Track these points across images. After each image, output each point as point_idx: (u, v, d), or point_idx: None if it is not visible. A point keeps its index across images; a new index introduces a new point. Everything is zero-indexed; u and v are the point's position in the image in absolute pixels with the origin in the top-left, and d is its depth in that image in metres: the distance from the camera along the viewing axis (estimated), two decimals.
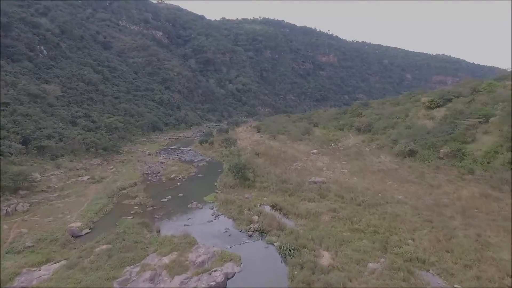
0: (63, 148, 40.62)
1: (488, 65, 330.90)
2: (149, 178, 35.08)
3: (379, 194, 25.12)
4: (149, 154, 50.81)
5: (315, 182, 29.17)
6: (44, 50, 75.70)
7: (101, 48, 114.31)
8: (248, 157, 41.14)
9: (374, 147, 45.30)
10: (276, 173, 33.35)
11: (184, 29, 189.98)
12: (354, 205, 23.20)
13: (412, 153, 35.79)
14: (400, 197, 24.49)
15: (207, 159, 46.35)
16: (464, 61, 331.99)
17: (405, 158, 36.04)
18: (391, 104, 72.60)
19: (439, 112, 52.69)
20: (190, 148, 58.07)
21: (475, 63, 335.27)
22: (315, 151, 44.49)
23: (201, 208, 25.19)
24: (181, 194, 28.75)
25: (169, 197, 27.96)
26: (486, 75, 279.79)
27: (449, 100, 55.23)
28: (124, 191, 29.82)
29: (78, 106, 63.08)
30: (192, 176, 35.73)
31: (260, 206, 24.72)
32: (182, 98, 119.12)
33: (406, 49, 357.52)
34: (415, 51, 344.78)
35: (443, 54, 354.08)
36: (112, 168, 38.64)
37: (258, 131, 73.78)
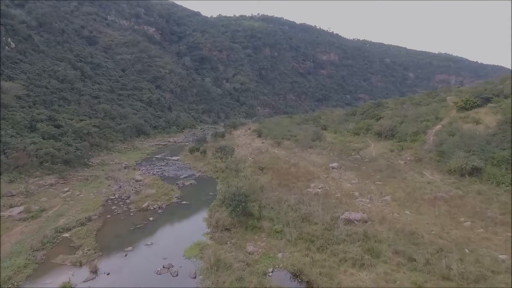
0: (5, 163, 30.62)
1: (491, 64, 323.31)
2: (113, 207, 25.16)
3: (466, 250, 15.42)
4: (125, 167, 40.88)
5: (351, 221, 19.47)
6: (11, 43, 65.56)
7: (85, 43, 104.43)
8: (250, 175, 31.47)
9: (409, 158, 35.66)
10: (291, 202, 23.60)
11: (179, 25, 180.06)
12: (439, 277, 13.46)
13: (475, 171, 26.17)
14: (503, 256, 14.82)
15: (197, 175, 36.48)
16: (467, 60, 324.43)
17: (464, 178, 26.45)
18: (412, 104, 63.11)
19: (480, 114, 43.58)
20: (178, 157, 48.22)
21: (479, 61, 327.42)
22: (334, 164, 34.75)
23: (176, 275, 15.35)
24: (149, 243, 18.87)
25: (130, 248, 18.10)
26: (490, 74, 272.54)
27: (488, 100, 46.33)
28: (66, 235, 19.94)
29: (45, 107, 53.11)
30: (172, 205, 25.85)
31: (273, 272, 15.01)
32: (175, 98, 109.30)
33: (408, 47, 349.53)
34: (417, 49, 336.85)
35: (445, 53, 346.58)
36: (67, 191, 28.70)
37: (259, 136, 64.01)
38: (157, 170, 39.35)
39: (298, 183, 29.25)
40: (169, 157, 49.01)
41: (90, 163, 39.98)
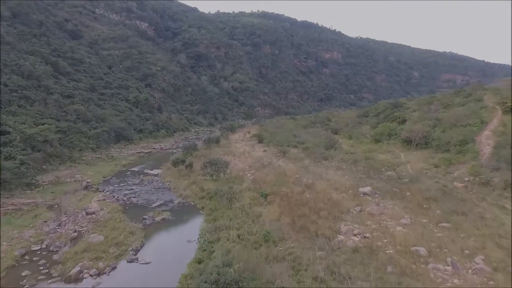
0: None
1: (498, 63, 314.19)
2: (24, 273, 15.45)
3: None
4: (86, 187, 31.26)
5: None
6: None
7: (68, 37, 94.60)
8: (248, 205, 21.88)
9: (467, 179, 25.93)
10: (317, 270, 13.95)
11: (174, 21, 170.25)
12: None
13: None
14: None
15: (176, 202, 26.66)
16: (473, 59, 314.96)
17: None
18: (442, 104, 53.44)
19: None
20: (159, 171, 38.50)
21: (485, 60, 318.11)
22: (366, 189, 24.94)
23: None
24: None
25: None
26: (497, 73, 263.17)
27: None
28: None
29: None
30: (122, 268, 16.11)
31: None
32: (167, 97, 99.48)
33: (412, 46, 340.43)
34: (421, 48, 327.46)
35: (450, 52, 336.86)
36: None
37: (260, 142, 54.31)
38: (126, 192, 29.59)
39: (320, 222, 19.59)
40: (148, 171, 39.32)
41: (37, 183, 30.27)
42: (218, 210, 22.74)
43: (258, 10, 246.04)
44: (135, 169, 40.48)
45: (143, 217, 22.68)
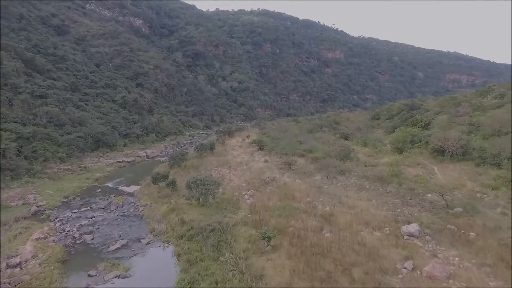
0: None
1: (504, 63, 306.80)
2: None
3: None
4: (35, 213, 24.07)
5: None
6: None
7: (52, 32, 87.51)
8: (243, 254, 14.60)
9: None
10: None
11: (170, 18, 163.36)
12: None
13: None
14: None
15: (144, 241, 19.28)
16: (478, 59, 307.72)
17: None
18: (472, 106, 46.23)
19: None
20: (136, 188, 31.24)
21: (491, 60, 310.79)
22: (412, 227, 17.62)
23: None
24: None
25: None
26: (503, 73, 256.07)
27: None
28: None
29: None
30: None
31: None
32: (159, 98, 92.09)
33: (416, 45, 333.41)
34: (426, 47, 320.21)
35: (455, 52, 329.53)
36: None
37: (260, 149, 47.03)
38: (84, 222, 22.37)
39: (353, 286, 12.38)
40: (124, 187, 32.14)
41: None
42: (199, 262, 15.49)
43: (258, 8, 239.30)
44: (109, 185, 33.27)
45: (89, 272, 15.45)
